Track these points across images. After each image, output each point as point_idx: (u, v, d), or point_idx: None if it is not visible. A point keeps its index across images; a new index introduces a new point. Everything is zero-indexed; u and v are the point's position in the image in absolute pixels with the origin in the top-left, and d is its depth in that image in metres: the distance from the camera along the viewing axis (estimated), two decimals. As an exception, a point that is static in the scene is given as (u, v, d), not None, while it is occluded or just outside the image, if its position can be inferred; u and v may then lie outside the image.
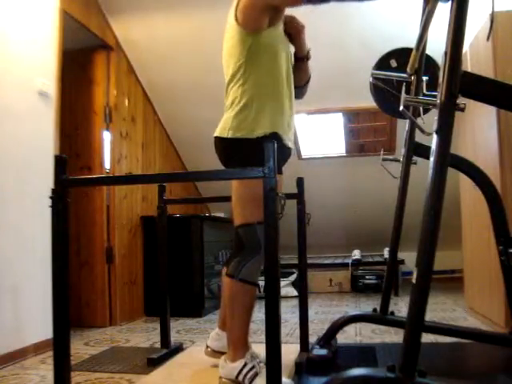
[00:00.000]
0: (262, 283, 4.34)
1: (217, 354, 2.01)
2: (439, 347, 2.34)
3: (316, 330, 2.73)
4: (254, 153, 1.66)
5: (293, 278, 4.42)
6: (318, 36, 2.10)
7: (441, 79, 1.20)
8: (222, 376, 1.77)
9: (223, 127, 1.81)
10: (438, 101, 1.19)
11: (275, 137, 1.76)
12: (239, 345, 1.77)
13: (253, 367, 1.73)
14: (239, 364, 1.73)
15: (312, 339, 2.28)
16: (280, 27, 1.83)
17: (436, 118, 1.20)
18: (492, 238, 1.95)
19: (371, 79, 2.29)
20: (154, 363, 2.17)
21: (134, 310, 3.54)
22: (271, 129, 1.77)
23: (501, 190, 2.22)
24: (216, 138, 1.84)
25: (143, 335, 2.93)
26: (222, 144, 1.82)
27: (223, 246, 3.99)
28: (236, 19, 1.75)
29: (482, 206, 2.21)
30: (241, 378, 1.72)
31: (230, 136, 1.78)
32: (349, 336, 2.68)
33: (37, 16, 2.60)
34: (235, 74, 1.80)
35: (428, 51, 2.14)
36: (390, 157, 2.59)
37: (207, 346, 2.08)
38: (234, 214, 1.84)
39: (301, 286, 2.28)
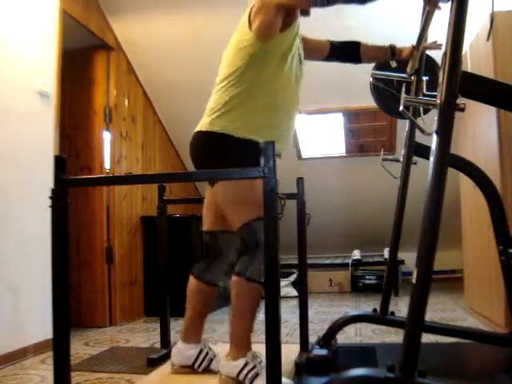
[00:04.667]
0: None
1: (183, 369, 1.96)
2: (439, 347, 2.34)
3: (316, 330, 2.72)
4: (232, 151, 1.71)
5: (293, 278, 4.42)
6: (318, 35, 2.09)
7: (441, 79, 1.20)
8: (222, 373, 1.77)
9: (205, 123, 1.80)
10: (438, 101, 1.19)
11: (252, 145, 1.73)
12: (242, 344, 1.76)
13: (254, 367, 1.72)
14: (240, 363, 1.72)
15: (312, 339, 2.28)
16: (292, 32, 1.77)
17: (436, 118, 1.20)
18: (492, 238, 1.94)
19: (371, 79, 2.29)
20: (153, 363, 2.17)
21: (134, 310, 3.54)
22: (254, 137, 1.74)
23: (501, 190, 2.22)
24: (196, 132, 1.83)
25: (143, 335, 2.93)
26: (202, 138, 1.80)
27: (223, 246, 3.98)
28: (249, 24, 1.72)
29: (482, 206, 2.21)
30: (241, 377, 1.71)
31: (209, 129, 1.77)
32: (349, 336, 2.68)
33: (37, 16, 2.60)
34: (230, 75, 1.77)
35: (428, 51, 2.14)
36: (390, 157, 2.58)
37: (172, 364, 1.99)
38: (210, 221, 1.90)
39: (301, 285, 2.28)
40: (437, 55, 1.71)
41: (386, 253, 4.42)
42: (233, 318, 1.79)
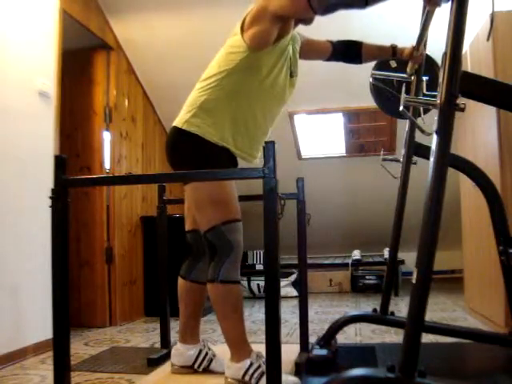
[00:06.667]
0: (262, 283, 4.35)
1: (183, 369, 1.96)
2: (439, 347, 2.34)
3: (316, 330, 2.72)
4: (204, 153, 1.73)
5: (293, 278, 4.42)
6: (318, 35, 2.09)
7: (441, 79, 1.20)
8: (227, 376, 1.76)
9: (182, 119, 1.79)
10: (438, 101, 1.19)
11: (225, 151, 1.76)
12: (240, 345, 1.76)
13: (259, 367, 1.71)
14: (245, 364, 1.72)
15: (312, 339, 2.28)
16: (282, 45, 1.74)
17: (436, 118, 1.20)
18: (492, 238, 1.95)
19: (371, 79, 2.29)
20: (154, 363, 2.17)
21: (134, 310, 3.54)
22: (225, 143, 1.75)
23: (501, 190, 2.22)
24: (173, 127, 1.82)
25: (143, 335, 2.93)
26: (178, 136, 1.80)
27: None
28: (242, 31, 1.70)
29: (482, 206, 2.21)
30: (247, 377, 1.70)
31: (185, 128, 1.76)
32: (349, 336, 2.68)
33: (37, 16, 2.60)
34: (214, 75, 1.76)
35: (428, 51, 2.14)
36: (390, 157, 2.58)
37: (172, 364, 1.99)
38: (191, 220, 1.94)
39: (301, 285, 2.28)
40: (437, 55, 1.71)
41: (386, 253, 4.42)
42: (220, 324, 1.78)
